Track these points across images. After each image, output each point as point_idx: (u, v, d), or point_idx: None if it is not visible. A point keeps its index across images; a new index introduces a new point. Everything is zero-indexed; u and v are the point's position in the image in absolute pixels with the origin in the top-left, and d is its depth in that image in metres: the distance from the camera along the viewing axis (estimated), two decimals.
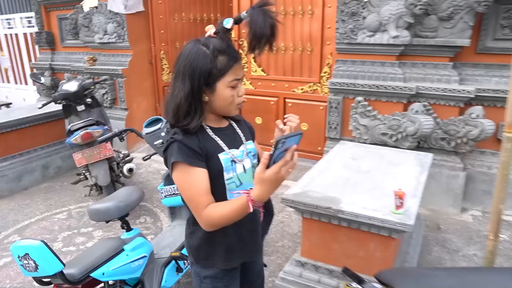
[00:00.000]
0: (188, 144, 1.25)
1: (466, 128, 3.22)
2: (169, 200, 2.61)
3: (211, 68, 1.23)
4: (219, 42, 1.26)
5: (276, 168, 1.08)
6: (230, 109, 1.34)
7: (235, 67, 1.27)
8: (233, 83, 1.28)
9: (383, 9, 3.29)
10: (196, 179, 1.24)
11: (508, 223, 3.27)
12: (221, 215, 1.21)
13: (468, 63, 3.40)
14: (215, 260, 1.43)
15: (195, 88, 1.24)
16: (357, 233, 2.07)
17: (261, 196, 1.14)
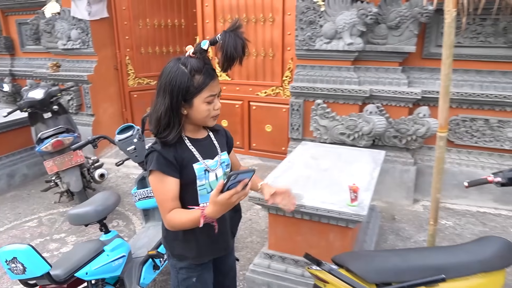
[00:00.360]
0: (164, 154, 1.41)
1: (415, 127, 3.55)
2: (143, 203, 2.74)
3: (188, 86, 1.36)
4: (196, 62, 1.38)
5: (227, 195, 1.24)
6: (206, 121, 1.48)
7: (210, 85, 1.40)
8: (208, 99, 1.41)
9: (338, 18, 3.56)
10: (166, 186, 1.41)
11: (453, 210, 3.63)
12: (179, 221, 1.38)
13: (415, 67, 3.74)
14: (187, 256, 1.59)
15: (174, 103, 1.38)
16: (318, 225, 2.30)
17: (212, 214, 1.29)
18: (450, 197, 3.74)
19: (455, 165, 3.71)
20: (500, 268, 1.58)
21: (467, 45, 3.55)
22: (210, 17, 4.64)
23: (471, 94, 3.52)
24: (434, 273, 1.44)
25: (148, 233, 2.70)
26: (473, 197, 3.68)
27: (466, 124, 3.65)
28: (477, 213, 3.58)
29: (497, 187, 1.98)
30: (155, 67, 5.60)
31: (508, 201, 3.59)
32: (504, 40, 3.43)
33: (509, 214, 3.54)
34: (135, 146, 2.67)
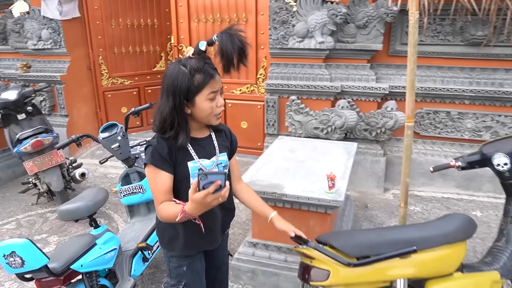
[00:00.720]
0: (159, 150, 1.48)
1: (384, 120, 3.78)
2: (127, 199, 2.82)
3: (189, 85, 1.41)
4: (196, 62, 1.42)
5: (201, 194, 1.26)
6: (210, 119, 1.51)
7: (211, 83, 1.43)
8: (210, 96, 1.45)
9: (310, 18, 3.73)
10: (159, 180, 1.48)
11: (421, 197, 3.90)
12: (166, 214, 1.45)
13: (382, 64, 3.98)
14: (175, 246, 1.65)
15: (177, 103, 1.43)
16: (299, 213, 2.45)
17: (191, 211, 1.33)
18: (417, 185, 4.01)
19: (421, 155, 3.98)
20: (462, 239, 1.79)
21: (429, 43, 3.81)
22: (184, 16, 4.72)
23: (434, 89, 3.79)
24: (407, 246, 1.63)
25: (134, 228, 2.78)
26: (438, 184, 3.96)
27: (430, 117, 3.92)
28: (442, 198, 3.86)
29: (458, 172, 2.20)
30: (128, 67, 5.62)
31: (468, 187, 3.89)
32: (461, 38, 3.71)
33: (470, 199, 3.84)
34: (119, 143, 2.73)
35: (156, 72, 5.84)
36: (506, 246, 2.01)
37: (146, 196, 2.80)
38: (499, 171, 2.06)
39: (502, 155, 2.04)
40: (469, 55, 3.73)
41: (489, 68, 3.72)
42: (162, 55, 5.83)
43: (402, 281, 1.63)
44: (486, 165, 2.14)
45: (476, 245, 3.10)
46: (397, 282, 1.63)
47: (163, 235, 1.69)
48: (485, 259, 2.03)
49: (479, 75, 3.73)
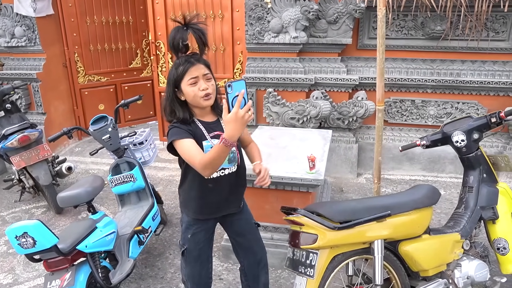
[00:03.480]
0: (181, 127, 1.73)
1: (355, 109, 4.07)
2: (118, 188, 2.95)
3: (175, 76, 1.72)
4: (180, 58, 1.72)
5: (234, 109, 1.44)
6: (197, 101, 1.73)
7: (190, 70, 1.69)
8: (190, 81, 1.69)
9: (284, 15, 3.96)
10: (189, 145, 1.68)
11: (390, 180, 4.21)
12: (209, 156, 1.57)
13: (352, 57, 4.26)
14: (189, 209, 1.95)
15: (171, 92, 1.75)
16: (283, 193, 2.68)
17: (230, 134, 1.48)
18: (387, 169, 4.33)
19: (389, 140, 4.29)
20: (428, 205, 2.06)
21: (394, 37, 4.13)
22: (161, 14, 4.83)
23: (399, 79, 4.10)
24: (382, 211, 1.88)
25: (127, 215, 2.91)
26: (406, 168, 4.30)
27: (397, 105, 4.24)
28: (410, 180, 4.20)
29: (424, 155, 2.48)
30: (104, 64, 5.66)
31: (433, 169, 4.24)
32: (422, 33, 4.04)
33: (434, 179, 4.19)
34: (109, 135, 2.87)
35: (132, 69, 5.91)
36: (465, 212, 2.30)
37: (137, 185, 2.94)
38: (458, 147, 2.35)
39: (460, 132, 2.32)
40: (429, 48, 4.07)
41: (447, 60, 4.07)
42: (138, 52, 5.90)
43: (379, 241, 1.88)
44: (447, 143, 2.42)
45: (441, 219, 3.43)
46: (374, 242, 1.88)
47: (182, 199, 1.98)
48: (448, 223, 2.32)
49: (439, 66, 4.08)
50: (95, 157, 4.34)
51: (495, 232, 2.31)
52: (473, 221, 2.27)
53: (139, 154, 3.20)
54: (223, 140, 1.49)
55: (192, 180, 1.86)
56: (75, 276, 2.07)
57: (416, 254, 1.99)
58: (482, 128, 2.32)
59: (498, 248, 2.29)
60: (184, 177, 1.91)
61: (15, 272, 2.95)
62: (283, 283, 2.73)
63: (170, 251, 3.12)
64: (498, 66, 3.97)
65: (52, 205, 3.67)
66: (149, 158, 3.27)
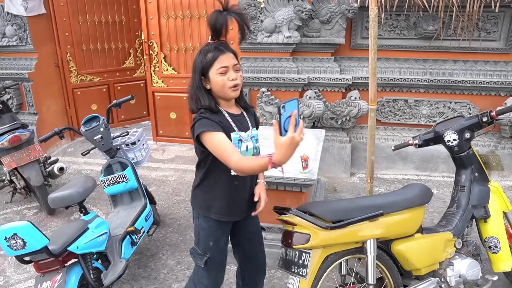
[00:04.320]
0: (211, 118, 1.63)
1: (348, 109, 4.08)
2: (111, 189, 2.93)
3: (203, 63, 1.64)
4: (208, 44, 1.66)
5: (290, 134, 1.33)
6: (226, 91, 1.67)
7: (220, 59, 1.62)
8: (220, 70, 1.63)
9: (277, 14, 3.96)
10: (221, 139, 1.58)
11: (384, 179, 4.23)
12: (249, 166, 1.50)
13: (345, 57, 4.27)
14: (210, 210, 1.82)
15: (197, 80, 1.67)
16: (276, 193, 2.67)
17: (280, 159, 1.39)
18: (380, 169, 4.34)
19: (382, 140, 4.31)
20: (420, 204, 2.07)
21: (387, 37, 4.14)
22: (154, 13, 4.81)
23: (392, 79, 4.12)
24: (375, 210, 1.88)
25: (119, 216, 2.89)
26: (399, 167, 4.31)
27: (390, 105, 4.26)
28: (403, 179, 4.21)
29: (416, 155, 2.49)
30: (97, 64, 5.63)
31: (426, 168, 4.26)
32: (415, 32, 4.06)
33: (427, 179, 4.21)
34: (101, 135, 2.84)
35: (125, 68, 5.88)
36: (457, 211, 2.31)
37: (129, 185, 2.92)
38: (450, 146, 2.36)
39: (452, 132, 2.33)
40: (422, 48, 4.09)
41: (440, 60, 4.09)
42: (131, 51, 5.87)
43: (371, 241, 1.88)
44: (439, 142, 2.43)
45: (434, 218, 3.45)
46: (367, 242, 1.88)
47: (199, 200, 1.85)
48: (440, 222, 2.33)
49: (432, 66, 4.10)
50: (88, 157, 4.32)
51: (487, 230, 2.33)
52: (465, 220, 2.28)
53: (131, 155, 3.18)
54: (272, 164, 1.42)
55: (218, 177, 1.77)
56: (66, 277, 2.05)
57: (408, 253, 2.00)
58: (474, 128, 2.33)
59: (490, 246, 2.30)
60: (206, 174, 1.79)
61: (5, 274, 2.92)
62: (276, 283, 2.73)
63: (163, 252, 3.10)
64: (490, 66, 4.00)
65: (44, 206, 3.64)
66: (142, 158, 3.25)
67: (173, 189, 4.17)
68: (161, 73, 5.00)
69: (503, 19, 3.87)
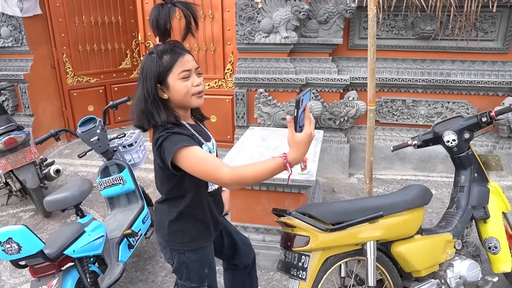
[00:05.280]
0: (183, 132, 1.41)
1: (346, 109, 4.06)
2: (108, 191, 2.90)
3: (158, 67, 1.38)
4: (162, 46, 1.42)
5: (308, 129, 1.21)
6: (188, 99, 1.44)
7: (180, 60, 1.40)
8: (182, 74, 1.40)
9: (275, 15, 3.94)
10: (201, 152, 1.37)
11: (382, 180, 4.21)
12: (252, 173, 1.30)
13: (343, 57, 4.26)
14: (198, 240, 1.61)
15: (150, 88, 1.39)
16: (274, 194, 2.65)
17: (296, 158, 1.25)
18: (379, 169, 4.33)
19: (381, 140, 4.29)
20: (420, 205, 2.05)
21: (384, 37, 4.13)
22: None
23: (390, 79, 4.11)
24: (375, 212, 1.86)
25: (116, 218, 2.86)
26: (397, 167, 4.30)
27: (388, 105, 4.25)
28: (401, 180, 4.20)
29: (415, 155, 2.48)
30: (94, 65, 5.59)
31: (424, 168, 4.25)
32: (412, 32, 4.05)
33: (425, 179, 4.20)
34: (98, 136, 2.81)
35: (122, 69, 5.85)
36: (457, 211, 2.30)
37: (126, 187, 2.90)
38: (449, 146, 2.34)
39: (451, 132, 2.32)
40: (420, 48, 4.08)
41: (437, 60, 4.09)
42: (128, 52, 5.84)
43: (371, 243, 1.86)
44: (438, 142, 2.41)
45: (433, 218, 3.44)
46: (367, 244, 1.86)
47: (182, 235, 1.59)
48: (440, 223, 2.32)
49: (430, 66, 4.09)
50: (85, 159, 4.28)
51: (487, 231, 2.31)
52: (465, 221, 2.27)
53: (128, 156, 3.15)
54: (287, 163, 1.25)
55: (198, 199, 1.56)
56: (63, 282, 2.02)
57: (408, 255, 1.98)
58: (473, 128, 2.32)
59: (490, 247, 2.29)
60: (185, 201, 1.54)
61: (1, 278, 2.89)
62: (275, 285, 2.71)
63: (161, 254, 3.06)
64: (488, 66, 3.99)
65: (40, 209, 3.60)
66: (139, 160, 3.22)
67: None
68: None
69: (501, 19, 3.87)
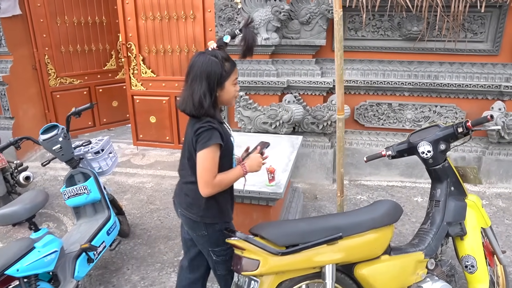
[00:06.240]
0: (220, 131, 1.70)
1: (329, 113, 3.92)
2: (72, 201, 2.78)
3: (221, 71, 1.66)
4: (223, 53, 1.70)
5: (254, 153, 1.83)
6: (231, 101, 1.79)
7: (235, 70, 1.74)
8: (235, 81, 1.75)
9: (255, 15, 3.79)
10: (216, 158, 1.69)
11: (367, 186, 4.07)
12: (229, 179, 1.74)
13: (327, 59, 4.10)
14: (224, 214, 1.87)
15: (211, 86, 1.66)
16: (243, 206, 2.52)
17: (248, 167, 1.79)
18: (364, 175, 4.18)
19: (366, 145, 4.15)
20: (388, 224, 1.91)
21: (370, 38, 3.98)
22: (131, 14, 4.65)
23: (375, 82, 3.95)
24: (334, 233, 1.72)
25: (80, 229, 2.75)
26: (383, 173, 4.15)
27: (373, 109, 4.09)
28: (387, 186, 4.05)
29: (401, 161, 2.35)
30: (77, 66, 5.47)
31: (411, 175, 4.10)
32: (399, 33, 3.89)
33: (412, 186, 4.06)
34: (60, 145, 2.69)
35: (107, 71, 5.72)
36: (431, 228, 2.16)
37: (91, 197, 2.78)
38: (424, 158, 2.20)
39: (426, 143, 2.18)
40: (407, 49, 3.92)
41: (425, 62, 3.93)
42: (113, 53, 5.71)
43: (330, 266, 1.73)
44: (413, 153, 2.27)
45: (416, 229, 3.28)
46: (325, 267, 1.73)
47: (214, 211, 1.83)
48: (413, 241, 2.18)
49: (417, 68, 3.93)
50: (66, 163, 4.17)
51: (463, 249, 2.18)
52: (439, 238, 2.13)
53: (96, 164, 3.04)
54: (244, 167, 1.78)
55: None
56: None
57: (373, 278, 1.85)
58: (449, 138, 2.18)
59: (466, 266, 2.15)
60: None
61: None
62: None
63: (129, 266, 2.95)
64: (477, 68, 3.83)
65: None
66: (108, 168, 3.10)
67: (149, 197, 4.02)
68: (140, 76, 4.84)
69: (490, 20, 3.70)
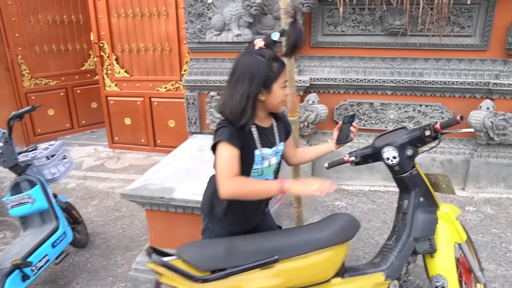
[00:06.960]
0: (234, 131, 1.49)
1: (306, 113, 3.67)
2: (16, 210, 2.58)
3: (268, 72, 1.48)
4: (272, 52, 1.51)
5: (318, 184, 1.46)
6: (279, 106, 1.59)
7: (284, 71, 1.54)
8: (284, 84, 1.55)
9: (225, 10, 3.56)
10: (233, 154, 1.47)
11: (348, 191, 3.82)
12: (251, 189, 1.48)
13: (305, 56, 3.86)
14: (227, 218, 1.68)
15: (255, 89, 1.47)
16: (192, 217, 2.29)
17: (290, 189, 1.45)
18: (345, 179, 3.93)
19: (347, 148, 3.88)
20: (340, 242, 1.66)
21: (350, 34, 3.72)
22: (103, 11, 4.44)
23: (356, 80, 3.70)
24: (270, 255, 1.48)
25: (23, 242, 2.53)
26: (365, 177, 3.90)
27: (354, 109, 3.84)
28: (369, 191, 3.80)
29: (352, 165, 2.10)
30: (53, 66, 5.28)
31: None
32: (381, 28, 3.63)
33: (395, 190, 3.70)
34: (1, 150, 2.49)
35: (85, 71, 5.53)
36: (395, 244, 1.91)
37: (36, 206, 2.57)
38: (389, 165, 1.95)
39: (391, 148, 1.93)
40: (389, 45, 3.67)
41: (409, 58, 3.67)
42: (91, 53, 5.51)
43: None
44: (379, 159, 2.02)
45: None
46: None
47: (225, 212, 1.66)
48: (375, 259, 1.93)
49: (400, 65, 3.67)
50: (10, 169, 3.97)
51: (433, 268, 1.92)
52: (404, 257, 1.88)
53: (46, 171, 2.82)
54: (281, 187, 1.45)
55: None
56: None
57: None
58: (416, 143, 1.92)
59: (436, 287, 1.90)
60: None
61: None
62: None
63: (79, 280, 2.73)
64: (464, 64, 3.56)
65: None
66: (59, 174, 2.88)
67: (116, 203, 3.80)
68: (113, 76, 4.63)
69: (478, 13, 3.44)
